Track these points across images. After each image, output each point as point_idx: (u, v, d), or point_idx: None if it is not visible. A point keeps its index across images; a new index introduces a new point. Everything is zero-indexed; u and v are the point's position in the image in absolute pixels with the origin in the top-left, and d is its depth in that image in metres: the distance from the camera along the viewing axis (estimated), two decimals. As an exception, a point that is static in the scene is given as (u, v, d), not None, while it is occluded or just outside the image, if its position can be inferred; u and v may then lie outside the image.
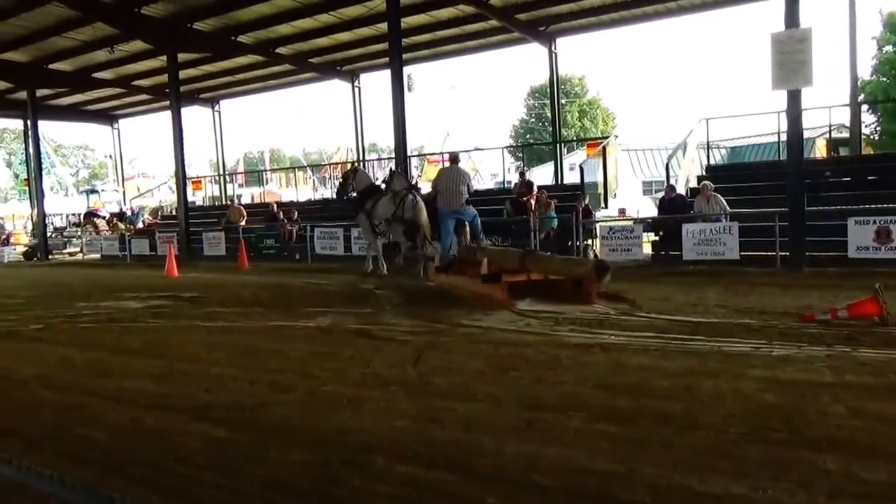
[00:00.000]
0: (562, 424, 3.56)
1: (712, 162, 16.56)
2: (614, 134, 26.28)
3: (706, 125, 15.61)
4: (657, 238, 13.49)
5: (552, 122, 21.32)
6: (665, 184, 14.83)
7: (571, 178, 20.76)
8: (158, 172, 53.69)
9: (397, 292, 9.38)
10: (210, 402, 4.29)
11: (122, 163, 32.62)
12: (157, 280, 13.22)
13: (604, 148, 16.22)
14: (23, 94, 23.08)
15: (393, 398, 4.17)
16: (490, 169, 40.22)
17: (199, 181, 28.37)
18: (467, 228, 11.41)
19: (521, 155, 37.87)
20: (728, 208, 12.10)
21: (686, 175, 15.67)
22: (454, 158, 11.91)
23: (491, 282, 8.46)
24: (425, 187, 13.99)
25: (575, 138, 40.10)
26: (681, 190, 14.36)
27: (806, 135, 12.29)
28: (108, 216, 27.09)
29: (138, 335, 6.90)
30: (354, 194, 12.75)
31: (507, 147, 31.12)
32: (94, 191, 32.83)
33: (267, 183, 34.60)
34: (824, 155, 16.24)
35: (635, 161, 34.57)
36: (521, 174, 16.96)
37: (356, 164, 14.81)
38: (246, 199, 29.64)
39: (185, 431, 3.74)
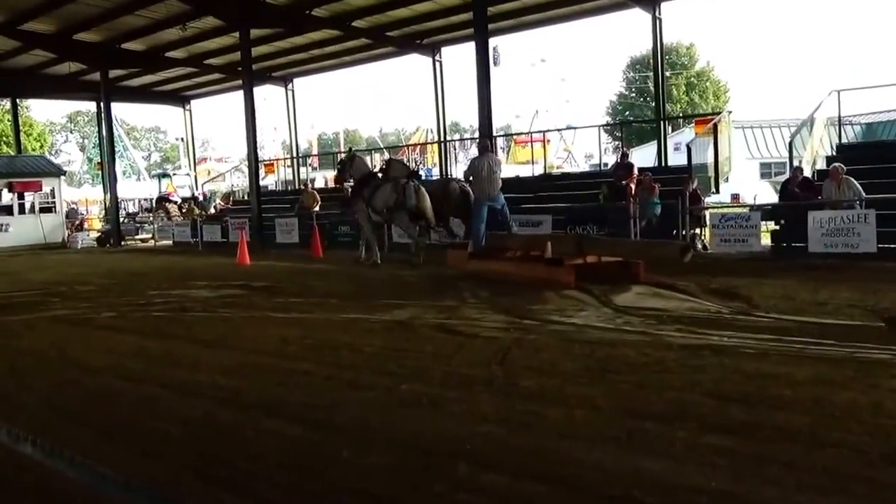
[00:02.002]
0: (667, 435, 3.46)
1: (844, 140, 15.70)
2: (727, 109, 25.38)
3: (837, 98, 14.81)
4: (777, 227, 12.94)
5: (655, 97, 20.74)
6: (787, 166, 14.20)
7: (677, 159, 20.12)
8: (230, 155, 55.93)
9: (481, 285, 9.38)
10: (283, 398, 4.40)
11: (194, 145, 34.00)
12: (229, 268, 13.72)
13: (715, 125, 15.65)
14: (96, 76, 24.37)
15: (477, 400, 4.16)
16: (584, 149, 39.73)
17: (272, 164, 29.23)
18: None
19: (619, 134, 37.13)
20: (863, 194, 11.45)
21: (812, 155, 14.93)
22: (484, 147, 12.44)
23: (555, 265, 9.08)
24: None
25: (681, 114, 38.91)
26: (807, 172, 13.69)
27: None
28: (179, 201, 28.32)
29: (210, 326, 7.19)
30: (351, 181, 13.54)
31: (603, 125, 30.50)
32: (165, 175, 34.40)
33: (342, 165, 35.29)
34: (982, 130, 15.13)
35: (751, 140, 33.24)
36: (624, 154, 16.61)
37: (353, 151, 15.45)
38: (320, 183, 30.32)
39: (257, 428, 3.86)
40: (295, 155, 28.82)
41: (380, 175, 13.30)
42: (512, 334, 6.02)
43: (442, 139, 24.89)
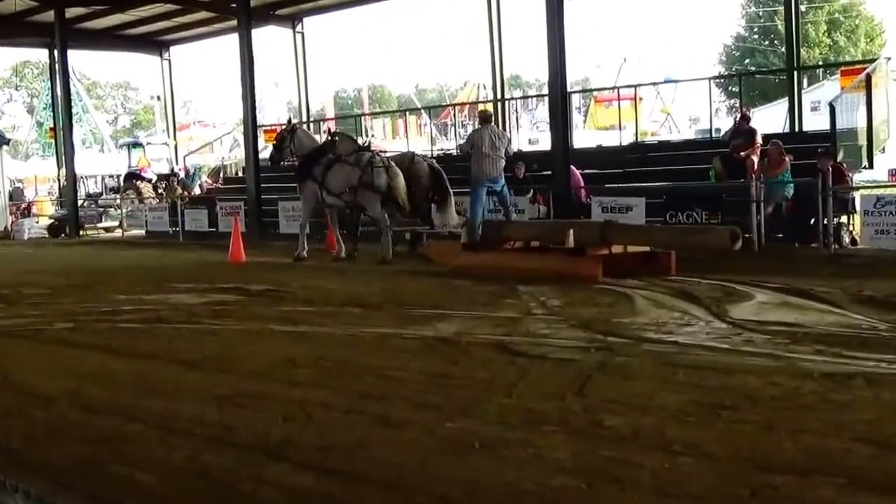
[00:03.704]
0: (805, 494, 3.40)
1: None
2: (884, 56, 24.80)
3: None
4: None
5: (786, 40, 20.41)
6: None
7: (815, 122, 19.82)
8: (220, 120, 56.65)
9: (549, 290, 9.37)
10: (290, 437, 4.43)
11: (174, 106, 34.48)
12: (219, 266, 13.94)
13: (868, 77, 15.36)
14: (49, 15, 24.87)
15: (547, 443, 4.14)
16: (688, 111, 39.26)
17: (275, 131, 29.48)
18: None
19: (736, 89, 36.67)
20: None
21: None
22: (486, 117, 13.60)
23: (577, 256, 10.18)
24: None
25: (821, 63, 38.24)
26: None
27: None
28: (155, 178, 28.76)
29: (195, 341, 7.31)
30: (294, 159, 14.83)
31: (714, 77, 30.15)
32: (137, 144, 34.93)
33: (366, 133, 35.50)
34: None
35: (918, 96, 32.45)
36: (744, 117, 16.38)
37: (294, 123, 16.24)
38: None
39: (257, 476, 3.88)
40: (305, 119, 29.06)
41: (328, 150, 14.39)
42: (594, 356, 6.00)
43: (499, 97, 24.86)
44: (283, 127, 16.07)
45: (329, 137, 15.15)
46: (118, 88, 79.12)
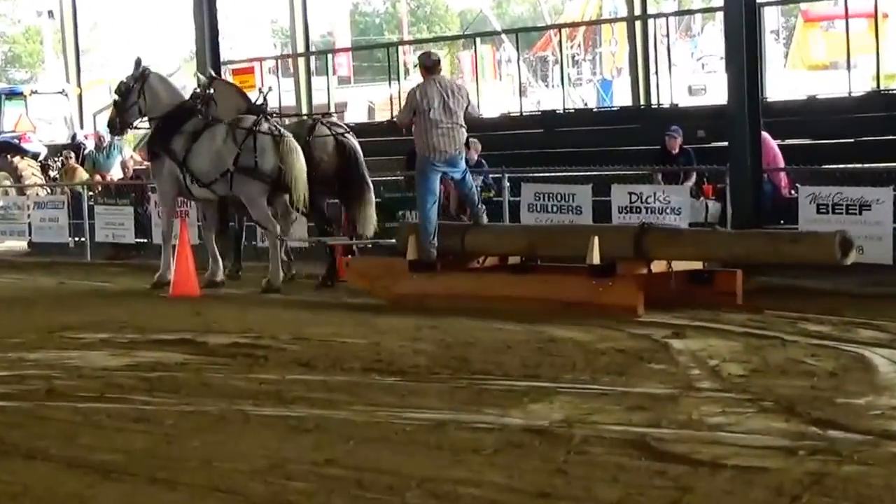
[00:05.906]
0: None
1: None
2: None
3: None
4: None
5: None
6: None
7: None
8: (155, 55, 57.33)
9: (727, 346, 9.35)
10: None
11: (77, 32, 34.89)
12: (155, 304, 14.10)
13: None
14: None
15: None
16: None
17: (249, 71, 29.76)
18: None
19: None
20: None
21: None
22: (431, 64, 13.72)
23: (603, 277, 10.93)
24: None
25: None
26: None
27: None
28: (44, 153, 29.07)
29: (114, 432, 7.35)
30: (145, 120, 15.77)
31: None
32: (14, 94, 35.46)
33: (407, 74, 35.65)
34: None
35: None
36: None
37: (145, 67, 16.37)
38: (356, 115, 30.65)
39: None
40: (302, 51, 29.31)
41: (200, 109, 15.01)
42: (804, 463, 5.96)
43: (636, 14, 24.89)
44: (134, 72, 16.27)
45: (202, 89, 15.69)
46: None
